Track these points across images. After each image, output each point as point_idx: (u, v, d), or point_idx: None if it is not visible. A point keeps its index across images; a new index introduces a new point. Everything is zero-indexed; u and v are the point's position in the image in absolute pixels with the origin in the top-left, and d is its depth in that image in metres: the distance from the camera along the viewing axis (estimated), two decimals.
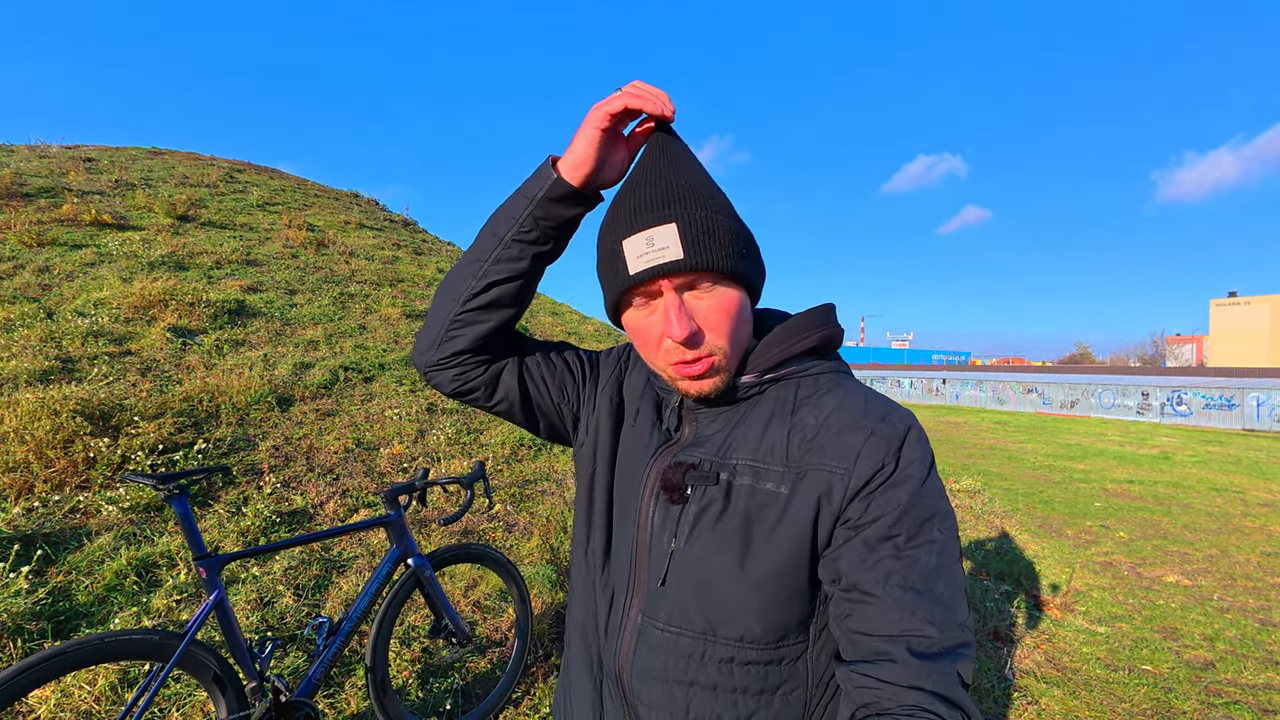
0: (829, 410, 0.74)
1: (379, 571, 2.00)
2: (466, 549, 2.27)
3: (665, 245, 0.69)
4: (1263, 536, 6.24)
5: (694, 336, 0.71)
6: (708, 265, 0.69)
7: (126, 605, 2.35)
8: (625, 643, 0.79)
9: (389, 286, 7.45)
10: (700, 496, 0.75)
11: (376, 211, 11.61)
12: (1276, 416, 19.39)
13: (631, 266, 0.71)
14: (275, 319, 5.65)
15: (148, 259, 6.14)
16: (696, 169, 0.75)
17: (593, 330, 9.42)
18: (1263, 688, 3.16)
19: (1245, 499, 8.16)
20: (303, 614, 2.52)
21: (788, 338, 0.78)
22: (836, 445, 0.71)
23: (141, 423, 3.42)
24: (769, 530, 0.71)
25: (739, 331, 0.75)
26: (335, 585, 2.76)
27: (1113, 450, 13.36)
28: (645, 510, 0.79)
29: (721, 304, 0.72)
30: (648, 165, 0.75)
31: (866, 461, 0.69)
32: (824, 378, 0.79)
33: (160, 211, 7.49)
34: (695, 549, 0.74)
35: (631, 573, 0.79)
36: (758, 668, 0.72)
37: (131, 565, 2.53)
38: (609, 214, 0.76)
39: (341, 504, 3.35)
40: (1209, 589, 4.67)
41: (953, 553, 0.67)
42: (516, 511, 3.80)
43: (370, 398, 4.73)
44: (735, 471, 0.74)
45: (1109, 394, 23.45)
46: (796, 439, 0.73)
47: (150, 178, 8.95)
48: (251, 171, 11.06)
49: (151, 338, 4.66)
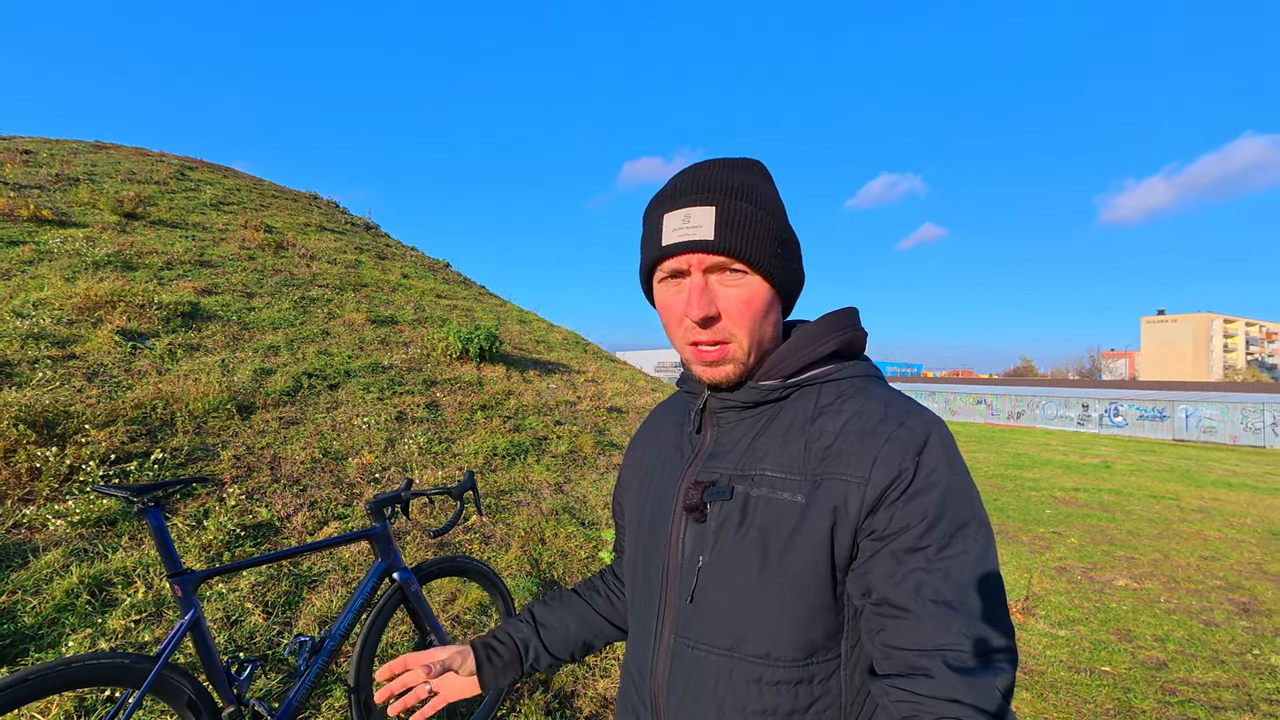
0: (848, 417, 0.73)
1: (363, 586, 1.92)
2: (453, 561, 2.20)
3: (699, 224, 0.70)
4: (1199, 541, 6.60)
5: (710, 319, 0.72)
6: (736, 251, 0.70)
7: (79, 627, 2.19)
8: (660, 664, 0.78)
9: (352, 291, 7.24)
10: (718, 512, 0.74)
11: (337, 214, 11.29)
12: (1203, 427, 20.63)
13: (665, 238, 0.72)
14: (232, 323, 5.41)
15: (92, 258, 5.81)
16: (759, 179, 0.76)
17: (560, 339, 9.34)
18: (1212, 685, 3.33)
19: (1181, 505, 8.63)
20: (274, 633, 2.39)
21: (808, 342, 0.78)
22: (853, 453, 0.69)
23: (92, 431, 3.21)
24: (785, 541, 0.70)
25: (760, 326, 0.74)
26: (307, 602, 2.63)
27: (1058, 459, 13.96)
28: (676, 531, 0.78)
29: (746, 294, 0.72)
30: (709, 162, 0.75)
31: (884, 469, 0.67)
32: (847, 383, 0.77)
33: (106, 208, 7.10)
34: (718, 564, 0.73)
35: (663, 593, 0.79)
36: (787, 687, 0.70)
37: (84, 584, 2.36)
38: (659, 191, 0.77)
39: (310, 516, 3.21)
40: (1156, 592, 4.91)
41: (988, 562, 0.65)
42: (493, 523, 3.71)
43: (336, 405, 4.57)
44: (754, 482, 0.73)
45: (1053, 405, 24.54)
46: (815, 448, 0.72)
47: (94, 173, 8.49)
48: (205, 169, 10.61)
49: (98, 341, 4.40)
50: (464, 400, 5.35)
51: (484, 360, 6.42)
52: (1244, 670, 3.51)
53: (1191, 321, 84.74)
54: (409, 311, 7.25)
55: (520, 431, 5.11)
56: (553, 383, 6.76)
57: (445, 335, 6.30)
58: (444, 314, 7.68)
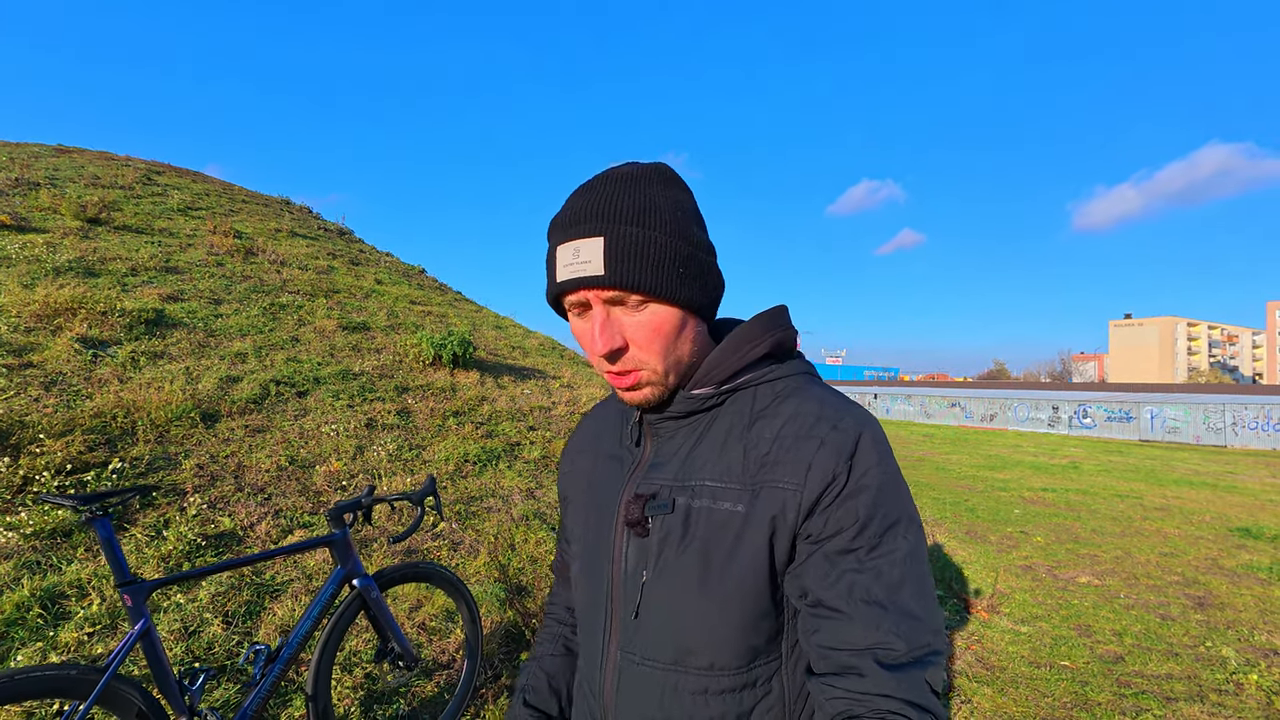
0: (783, 421, 0.72)
1: (322, 593, 1.91)
2: (415, 568, 2.19)
3: (588, 259, 0.68)
4: (1159, 538, 6.79)
5: (615, 352, 0.71)
6: (629, 284, 0.68)
7: (30, 640, 2.14)
8: (608, 681, 0.78)
9: (324, 297, 7.16)
10: (660, 526, 0.74)
11: (310, 219, 11.16)
12: (1168, 428, 21.20)
13: (558, 274, 0.71)
14: (198, 330, 5.32)
15: (53, 264, 5.68)
16: (658, 191, 0.72)
17: (537, 344, 9.33)
18: (1165, 678, 3.43)
19: (1143, 504, 8.87)
20: (233, 643, 2.37)
21: (739, 347, 0.77)
22: (789, 460, 0.69)
23: (48, 440, 3.14)
24: (728, 551, 0.70)
25: (671, 349, 0.73)
26: (269, 611, 2.60)
27: (1029, 461, 14.25)
28: (619, 546, 0.77)
29: (650, 322, 0.71)
30: (601, 178, 0.73)
31: (818, 474, 0.68)
32: (781, 383, 0.77)
33: (68, 213, 6.94)
34: (662, 579, 0.73)
35: (608, 609, 0.78)
36: (732, 695, 0.71)
37: (36, 596, 2.31)
38: (557, 214, 0.74)
39: (275, 525, 3.17)
40: (1116, 588, 5.04)
41: (918, 559, 0.67)
42: (462, 529, 3.70)
43: (304, 413, 4.52)
44: (694, 493, 0.73)
45: (1024, 408, 25.04)
46: (753, 455, 0.72)
47: (56, 177, 8.30)
48: (172, 174, 10.42)
49: (57, 349, 4.30)
50: (436, 407, 5.32)
51: (457, 366, 6.39)
52: (1196, 662, 3.62)
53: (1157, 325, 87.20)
54: (382, 318, 7.19)
55: (493, 437, 5.09)
56: (527, 388, 6.75)
57: (418, 341, 6.26)
58: (418, 320, 7.63)
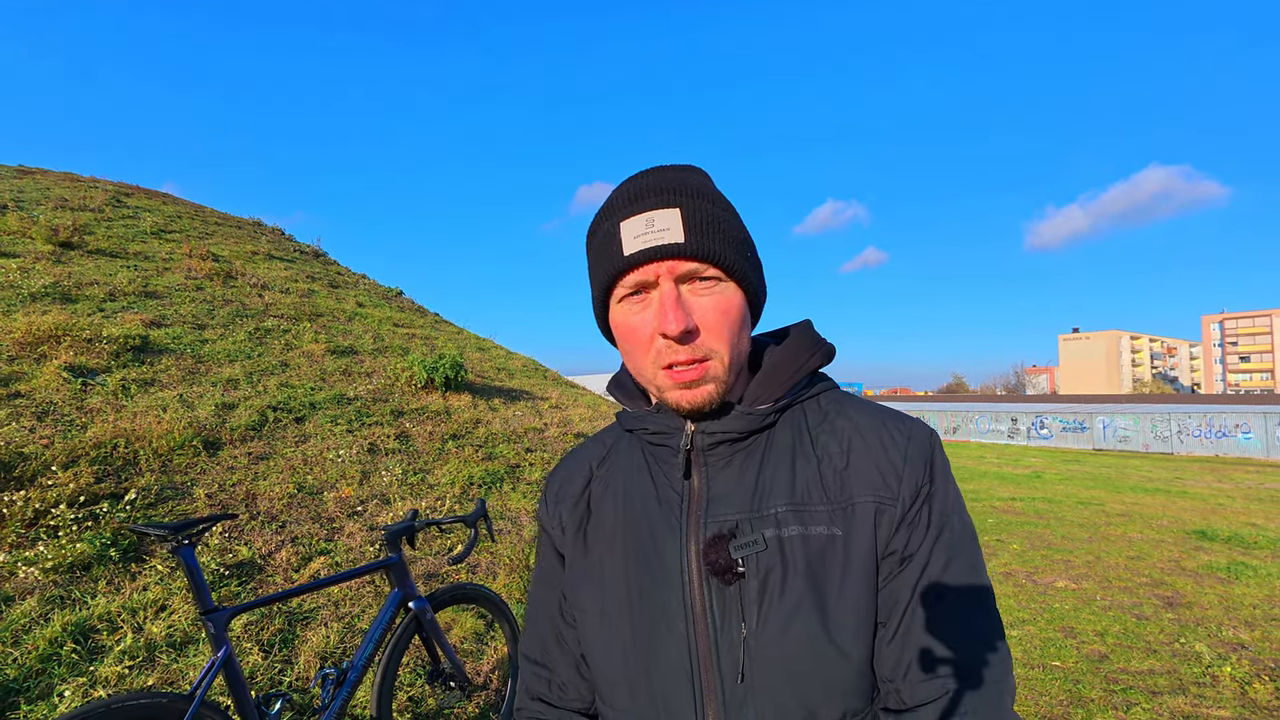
0: (849, 434, 0.69)
1: (381, 616, 1.96)
2: (463, 589, 2.25)
3: (666, 227, 0.62)
4: (1125, 543, 7.16)
5: (690, 333, 0.62)
6: (711, 255, 0.62)
7: (69, 676, 2.11)
8: None
9: (308, 321, 7.09)
10: (756, 567, 0.64)
11: (285, 241, 11.01)
12: (1119, 437, 22.24)
13: (627, 247, 0.63)
14: (186, 356, 5.23)
15: (28, 290, 5.52)
16: (712, 183, 0.71)
17: (520, 366, 9.36)
18: (1148, 673, 3.66)
19: (1106, 510, 9.32)
20: (275, 671, 2.37)
21: (794, 360, 0.72)
22: (875, 471, 0.66)
23: (59, 473, 3.08)
24: (839, 581, 0.63)
25: (738, 340, 0.66)
26: (302, 639, 2.60)
27: (994, 471, 14.77)
28: (697, 600, 0.65)
29: (723, 304, 0.64)
30: (653, 169, 0.69)
31: (909, 484, 0.66)
32: (823, 398, 0.74)
33: (39, 237, 6.74)
34: (771, 628, 0.62)
35: (695, 679, 0.64)
36: None
37: (67, 631, 2.28)
38: (606, 202, 0.68)
39: (294, 553, 3.16)
40: (1091, 591, 5.32)
41: (980, 568, 0.67)
42: (478, 552, 3.73)
43: (305, 439, 4.48)
44: (779, 522, 0.65)
45: (985, 420, 25.94)
46: (828, 471, 0.67)
47: (22, 199, 8.05)
48: (141, 195, 10.19)
49: (44, 377, 4.19)
50: (434, 430, 5.33)
51: (449, 389, 6.39)
52: (1174, 658, 3.87)
53: (1103, 339, 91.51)
54: (368, 341, 7.15)
55: (493, 460, 5.12)
56: (518, 410, 6.78)
57: (409, 365, 6.25)
58: (404, 343, 7.61)
